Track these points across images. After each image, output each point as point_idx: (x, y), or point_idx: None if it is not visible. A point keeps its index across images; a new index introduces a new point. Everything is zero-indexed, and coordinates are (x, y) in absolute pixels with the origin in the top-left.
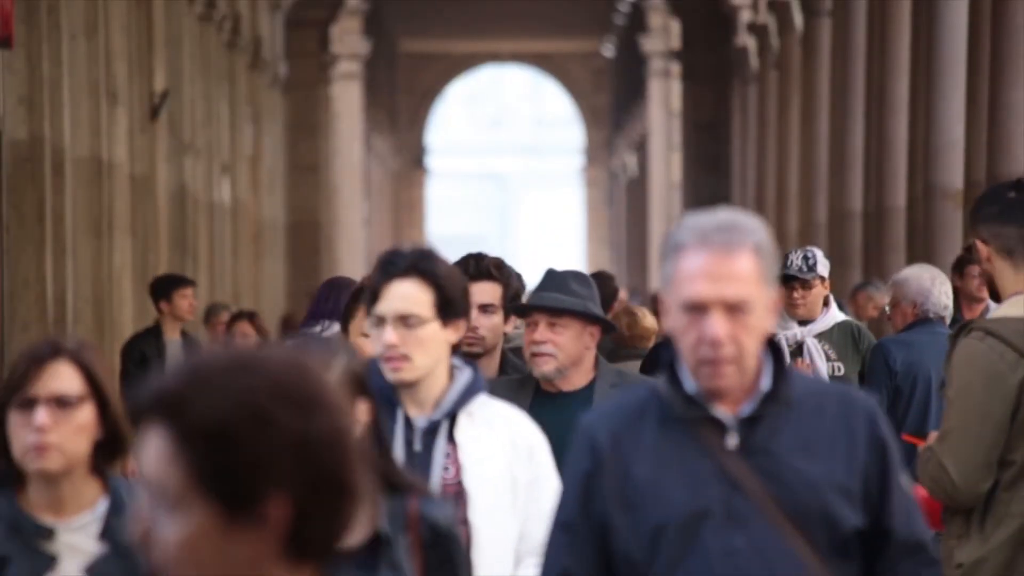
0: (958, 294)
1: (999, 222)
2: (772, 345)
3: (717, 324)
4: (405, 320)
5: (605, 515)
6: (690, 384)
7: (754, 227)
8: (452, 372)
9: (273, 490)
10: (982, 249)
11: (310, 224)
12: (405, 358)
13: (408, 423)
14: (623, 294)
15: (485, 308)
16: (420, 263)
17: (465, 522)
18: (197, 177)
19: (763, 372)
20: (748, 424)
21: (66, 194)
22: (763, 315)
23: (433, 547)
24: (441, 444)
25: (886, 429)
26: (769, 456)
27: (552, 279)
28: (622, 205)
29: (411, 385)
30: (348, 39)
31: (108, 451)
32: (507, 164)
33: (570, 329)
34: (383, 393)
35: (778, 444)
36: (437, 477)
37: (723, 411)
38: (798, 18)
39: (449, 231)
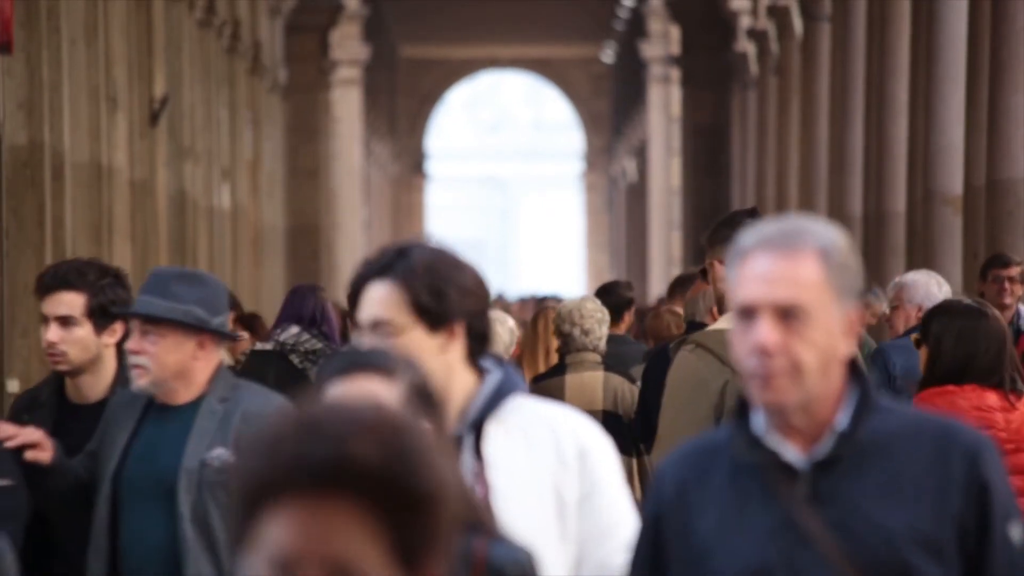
0: (984, 299)
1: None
2: (857, 375)
3: (764, 329)
4: (379, 327)
5: (669, 571)
6: (759, 423)
7: (824, 232)
8: (483, 376)
9: (448, 553)
10: (718, 269)
11: (310, 229)
12: None
13: None
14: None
15: (64, 321)
16: (390, 263)
17: None
18: (197, 182)
19: (844, 405)
20: (821, 468)
21: (66, 199)
22: (828, 330)
23: None
24: (467, 462)
25: (991, 470)
26: (843, 505)
27: (154, 281)
28: (622, 210)
29: None
30: (348, 44)
31: None
32: (507, 169)
33: (167, 338)
34: None
35: (855, 491)
36: None
37: (793, 453)
38: (797, 23)
39: (449, 236)
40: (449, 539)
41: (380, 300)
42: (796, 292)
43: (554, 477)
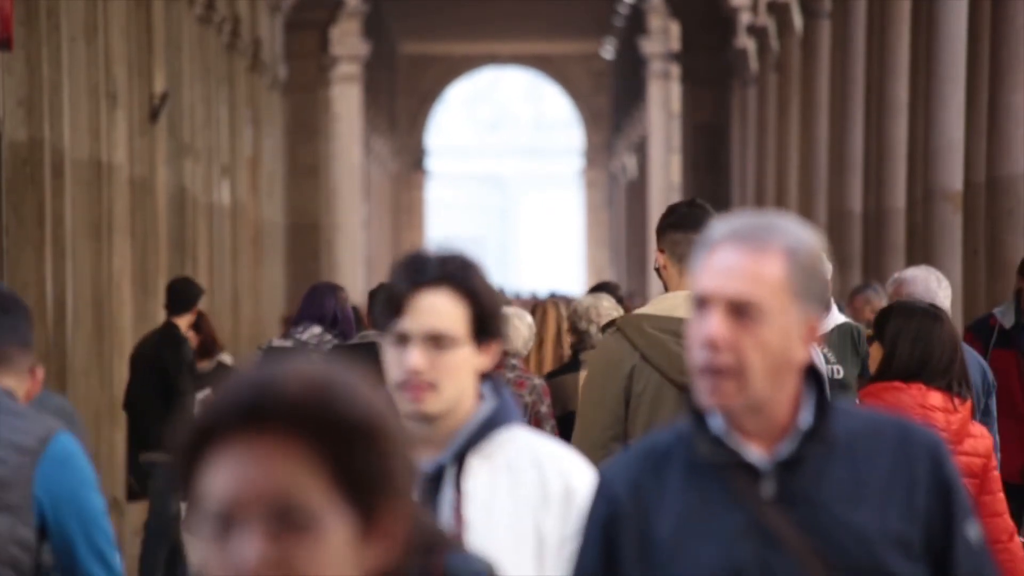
0: (1020, 296)
1: (673, 231)
2: (814, 377)
3: (714, 322)
4: (437, 340)
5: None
6: (717, 422)
7: (795, 232)
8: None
9: (401, 493)
10: (659, 258)
11: (310, 226)
12: (431, 387)
13: None
14: None
15: None
16: (455, 271)
17: None
18: (197, 179)
19: (803, 407)
20: (786, 468)
21: (66, 196)
22: (784, 332)
23: None
24: (447, 495)
25: (952, 470)
26: (812, 505)
27: None
28: (621, 207)
29: (430, 421)
30: (348, 41)
31: None
32: (507, 166)
33: None
34: None
35: (823, 491)
36: None
37: (756, 453)
38: (798, 20)
39: (449, 233)
40: (401, 484)
41: (439, 311)
42: (752, 288)
43: (535, 516)
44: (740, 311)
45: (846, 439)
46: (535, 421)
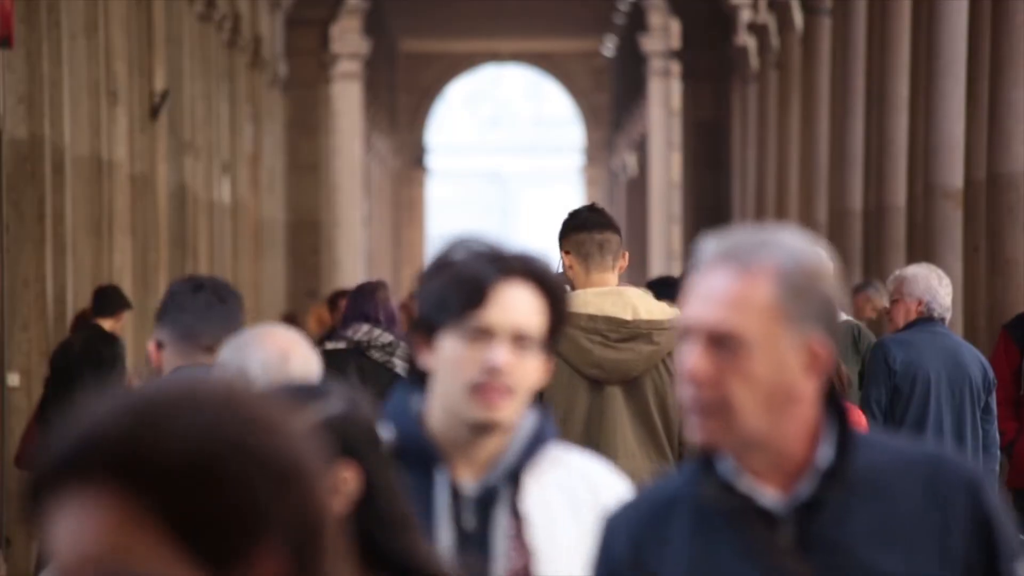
0: None
1: (577, 233)
2: (835, 408)
3: (692, 357)
4: (522, 340)
5: None
6: (726, 463)
7: (790, 248)
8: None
9: (266, 536)
10: (566, 259)
11: (310, 223)
12: (510, 391)
13: (455, 491)
14: None
15: None
16: (537, 267)
17: None
18: (197, 176)
19: (822, 442)
20: (806, 512)
21: (66, 193)
22: (776, 363)
23: None
24: (501, 520)
25: (994, 505)
26: (835, 552)
27: None
28: (622, 205)
29: (492, 432)
30: (348, 38)
31: None
32: (507, 163)
33: None
34: (415, 448)
35: (847, 535)
36: (501, 569)
37: (771, 496)
38: (798, 17)
39: (449, 230)
40: (283, 520)
41: (526, 308)
42: (733, 317)
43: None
44: (720, 343)
45: (871, 476)
46: None
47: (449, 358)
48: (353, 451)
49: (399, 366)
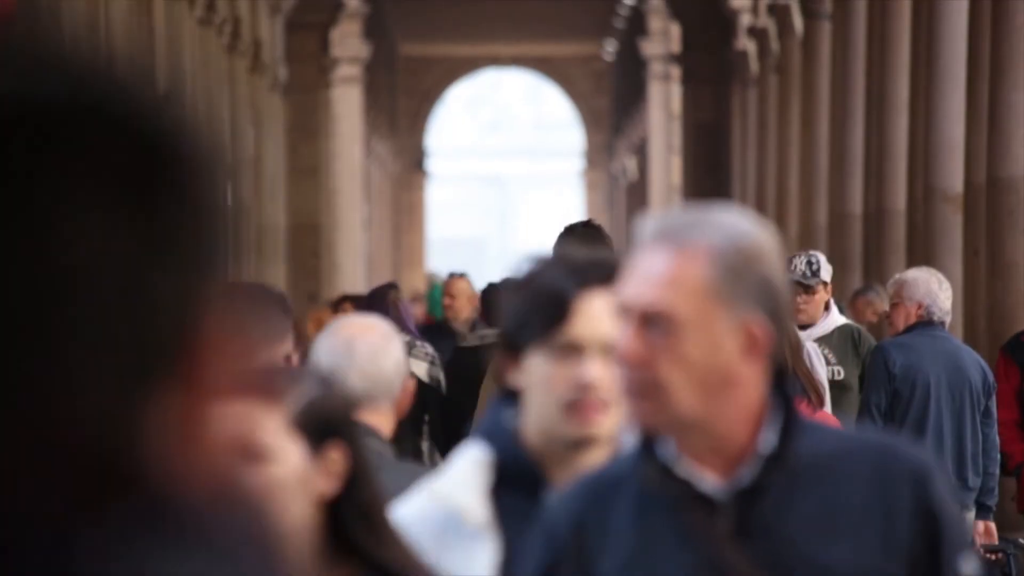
0: None
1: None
2: (780, 393)
3: (625, 337)
4: (611, 350)
5: None
6: (667, 448)
7: (729, 226)
8: None
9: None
10: None
11: (310, 227)
12: (605, 405)
13: None
14: None
15: None
16: (614, 272)
17: None
18: None
19: (766, 428)
20: (747, 498)
21: None
22: (711, 344)
23: None
24: None
25: (942, 495)
26: (775, 540)
27: None
28: (622, 208)
29: (591, 448)
30: (348, 42)
31: None
32: (507, 167)
33: None
34: (518, 469)
35: (788, 523)
36: None
37: (711, 481)
38: (798, 21)
39: (449, 234)
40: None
41: (612, 319)
42: (665, 297)
43: None
44: (653, 323)
45: (816, 462)
46: None
47: (539, 377)
48: (338, 431)
49: (416, 365)
